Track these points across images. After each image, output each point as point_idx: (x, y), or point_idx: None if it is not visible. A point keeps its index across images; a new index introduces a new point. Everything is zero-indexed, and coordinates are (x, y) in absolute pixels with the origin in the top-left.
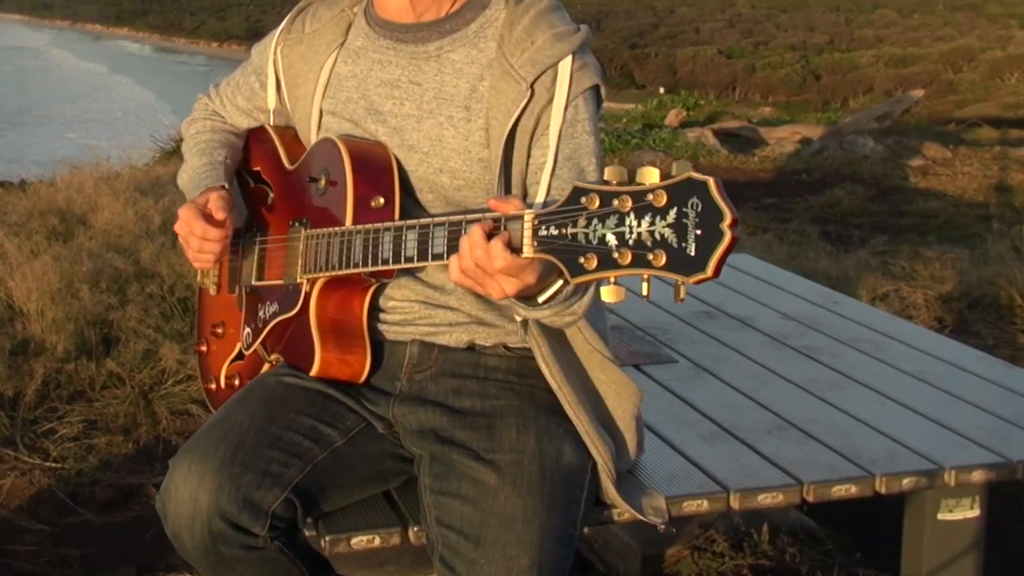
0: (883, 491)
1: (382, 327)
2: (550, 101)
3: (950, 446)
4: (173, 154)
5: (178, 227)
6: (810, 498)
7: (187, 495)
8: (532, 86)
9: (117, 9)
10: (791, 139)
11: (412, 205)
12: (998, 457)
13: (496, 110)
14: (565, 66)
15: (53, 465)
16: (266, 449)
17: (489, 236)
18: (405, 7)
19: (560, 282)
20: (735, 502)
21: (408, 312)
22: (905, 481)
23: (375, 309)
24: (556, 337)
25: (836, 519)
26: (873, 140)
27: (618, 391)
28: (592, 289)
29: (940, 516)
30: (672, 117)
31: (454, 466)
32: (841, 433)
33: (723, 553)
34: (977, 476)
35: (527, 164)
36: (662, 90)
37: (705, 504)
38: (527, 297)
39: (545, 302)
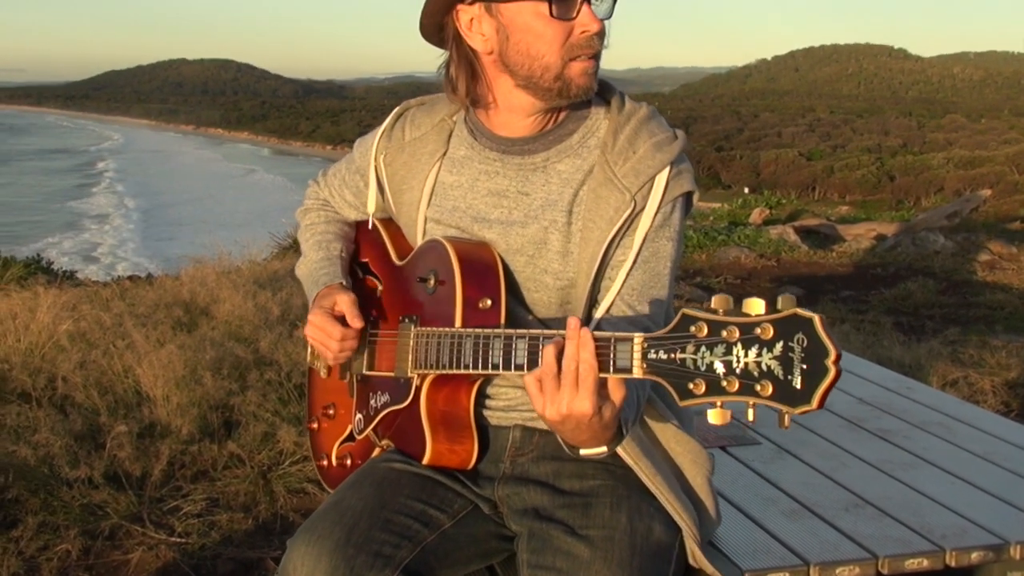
0: (953, 564)
1: (486, 412)
2: (645, 207)
3: (1015, 522)
4: (289, 250)
5: (310, 332)
6: (885, 571)
7: (304, 574)
8: (635, 196)
9: (238, 114)
10: (867, 236)
11: (516, 304)
12: None
13: (596, 215)
14: (662, 174)
15: (178, 540)
16: (378, 532)
17: (599, 357)
18: (528, 126)
19: (603, 449)
20: (815, 575)
21: (511, 399)
22: (974, 555)
23: (480, 396)
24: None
25: None
26: (943, 237)
27: (694, 459)
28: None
29: None
30: (756, 215)
31: (550, 541)
32: (913, 510)
33: None
34: None
35: (611, 260)
36: (746, 190)
37: None
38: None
39: (584, 455)
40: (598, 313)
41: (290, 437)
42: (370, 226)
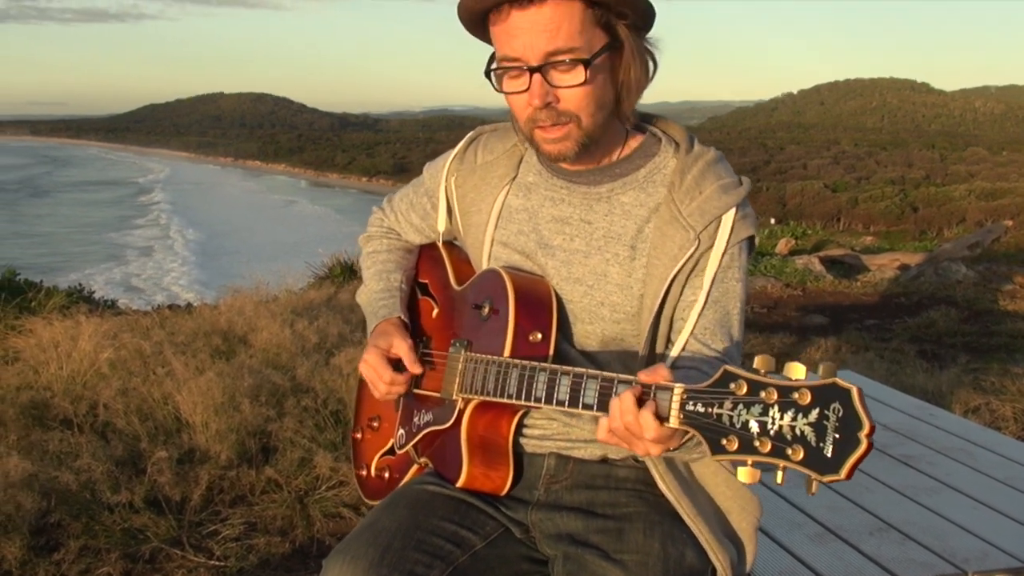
0: None
1: (522, 440)
2: (711, 247)
3: None
4: (325, 279)
5: (364, 370)
6: None
7: None
8: (699, 235)
9: (275, 147)
10: (891, 266)
11: (564, 340)
12: None
13: (660, 251)
14: (728, 217)
15: (217, 564)
16: (411, 552)
17: (639, 402)
18: (581, 162)
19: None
20: None
21: (547, 428)
22: None
23: (518, 426)
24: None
25: None
26: (966, 267)
27: (743, 505)
28: None
29: None
30: (782, 245)
31: (585, 565)
32: (937, 534)
33: None
34: None
35: (678, 301)
36: (773, 221)
37: None
38: None
39: (674, 449)
40: (673, 352)
41: (326, 463)
42: (440, 243)
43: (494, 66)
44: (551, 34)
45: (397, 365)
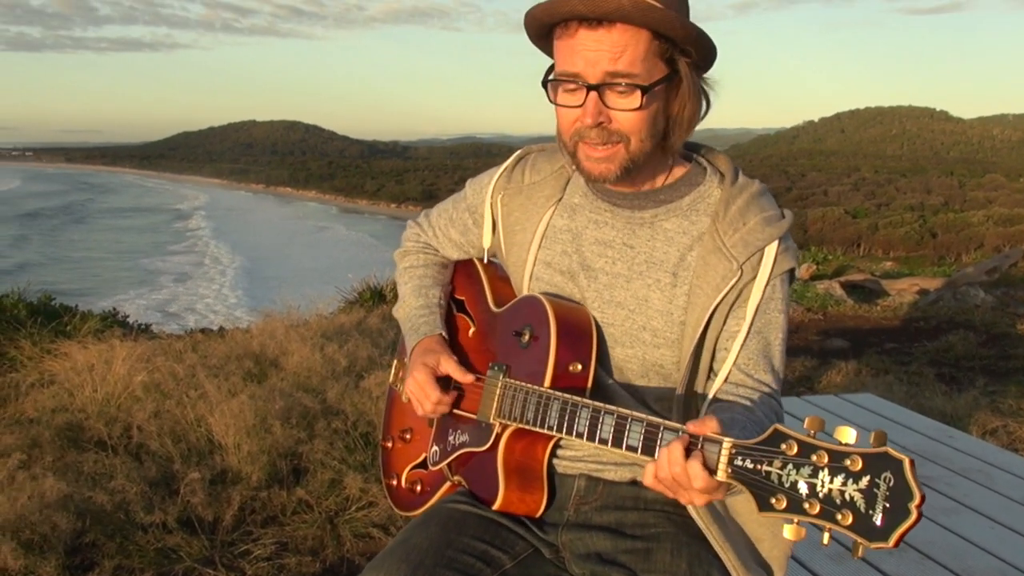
0: None
1: (554, 460)
2: (753, 279)
3: None
4: (355, 304)
5: (411, 387)
6: None
7: None
8: (742, 266)
9: (306, 173)
10: (910, 290)
11: (603, 372)
12: None
13: (703, 280)
14: (771, 249)
15: None
16: (442, 570)
17: (687, 452)
18: (625, 185)
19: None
20: None
21: (578, 449)
22: None
23: (553, 449)
24: None
25: None
26: (984, 291)
27: (775, 533)
28: None
29: None
30: (803, 271)
31: None
32: (955, 554)
33: None
34: None
35: (720, 331)
36: None
37: None
38: None
39: None
40: (716, 381)
41: (356, 484)
42: (486, 259)
43: (552, 77)
44: (614, 57)
45: (442, 383)
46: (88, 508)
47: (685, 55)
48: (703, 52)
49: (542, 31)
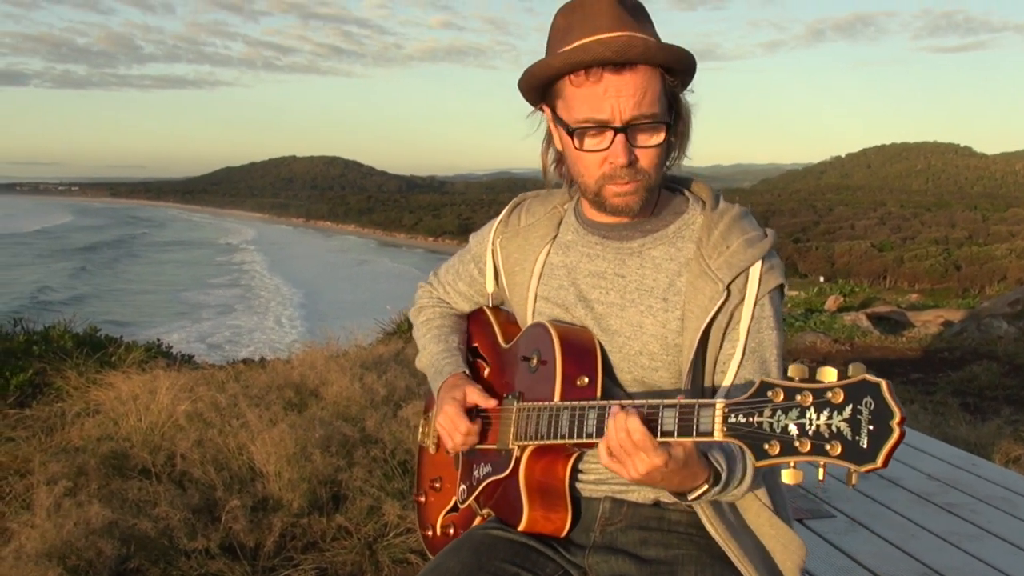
0: None
1: (579, 485)
2: (742, 300)
3: None
4: (393, 335)
5: (442, 421)
6: None
7: None
8: (728, 287)
9: (345, 208)
10: (935, 322)
11: (611, 383)
12: None
13: (693, 304)
14: (755, 269)
15: None
16: None
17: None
18: (617, 218)
19: (704, 487)
20: None
21: (602, 472)
22: None
23: (573, 469)
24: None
25: None
26: (1007, 323)
27: (785, 545)
28: (751, 473)
29: None
30: (831, 303)
31: None
32: None
33: None
34: None
35: (718, 354)
36: (822, 279)
37: None
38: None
39: (694, 499)
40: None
41: (394, 510)
42: (490, 303)
43: (572, 127)
44: (638, 99)
45: (470, 415)
46: (133, 534)
47: (685, 86)
48: (691, 77)
49: (549, 82)
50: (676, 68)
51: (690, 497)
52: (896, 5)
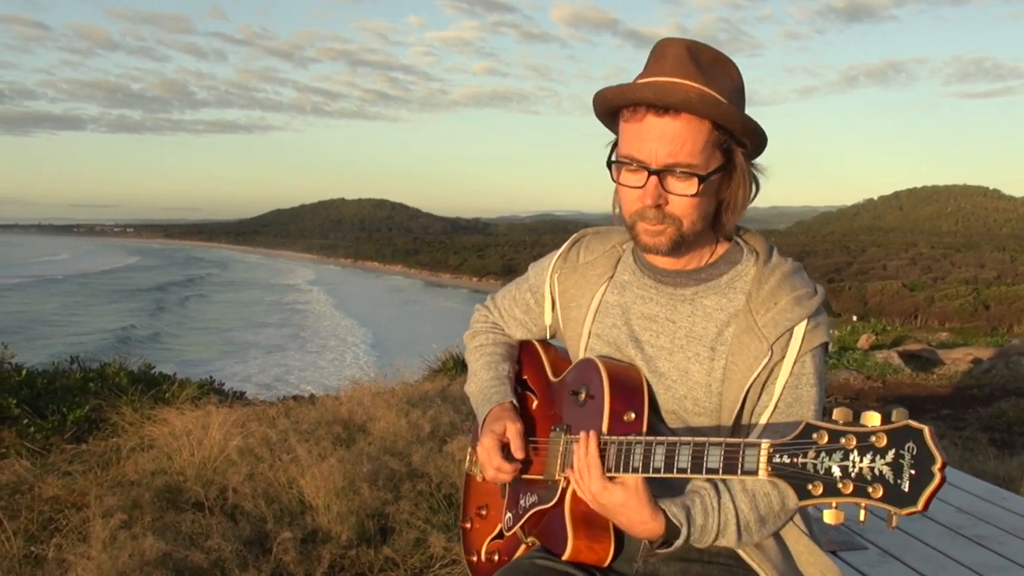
0: None
1: None
2: (783, 358)
3: None
4: (439, 372)
5: (480, 452)
6: None
7: None
8: (772, 347)
9: (392, 249)
10: (965, 360)
11: (657, 421)
12: None
13: (737, 358)
14: (800, 328)
15: None
16: None
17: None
18: (671, 261)
19: (680, 540)
20: None
21: None
22: None
23: None
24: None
25: None
26: None
27: (823, 572)
28: (732, 530)
29: None
30: (863, 341)
31: None
32: None
33: None
34: None
35: (755, 405)
36: (855, 318)
37: None
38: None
39: (662, 546)
40: None
41: (440, 542)
42: (547, 335)
43: (615, 158)
44: (676, 147)
45: (507, 451)
46: (186, 566)
47: (741, 145)
48: (757, 142)
49: (610, 110)
50: (726, 126)
51: (659, 549)
52: (927, 52)
